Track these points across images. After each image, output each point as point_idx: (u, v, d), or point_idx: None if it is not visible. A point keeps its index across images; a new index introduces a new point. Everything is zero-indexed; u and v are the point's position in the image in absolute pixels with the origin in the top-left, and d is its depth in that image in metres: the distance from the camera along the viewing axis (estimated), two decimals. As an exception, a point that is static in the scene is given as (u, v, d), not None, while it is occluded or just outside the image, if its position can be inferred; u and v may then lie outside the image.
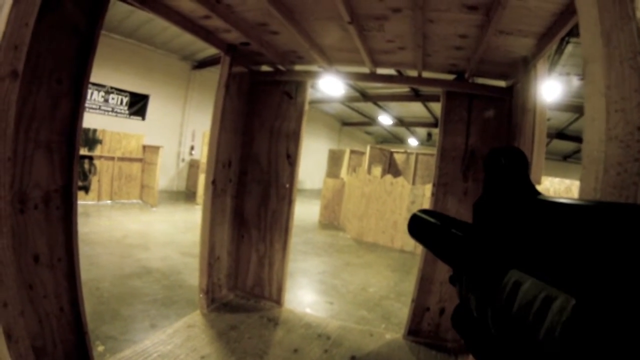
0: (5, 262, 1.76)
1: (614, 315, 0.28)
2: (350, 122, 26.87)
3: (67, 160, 2.61)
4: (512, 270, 0.38)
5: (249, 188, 4.85)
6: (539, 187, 0.49)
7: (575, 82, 7.88)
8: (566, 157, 21.03)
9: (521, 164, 0.48)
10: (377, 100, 16.91)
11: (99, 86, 12.50)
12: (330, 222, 12.70)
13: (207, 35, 3.82)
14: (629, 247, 0.29)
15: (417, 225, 0.65)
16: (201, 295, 4.43)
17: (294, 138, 4.65)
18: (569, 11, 2.38)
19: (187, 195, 15.22)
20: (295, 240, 4.94)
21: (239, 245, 4.96)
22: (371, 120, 23.55)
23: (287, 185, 4.67)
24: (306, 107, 4.63)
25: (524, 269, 0.37)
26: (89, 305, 2.99)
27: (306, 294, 6.14)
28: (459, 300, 0.50)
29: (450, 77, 4.17)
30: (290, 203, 4.70)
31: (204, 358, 3.63)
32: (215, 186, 4.27)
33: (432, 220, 0.62)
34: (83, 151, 10.41)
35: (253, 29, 3.65)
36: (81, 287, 2.84)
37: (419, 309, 4.30)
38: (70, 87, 2.55)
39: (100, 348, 3.74)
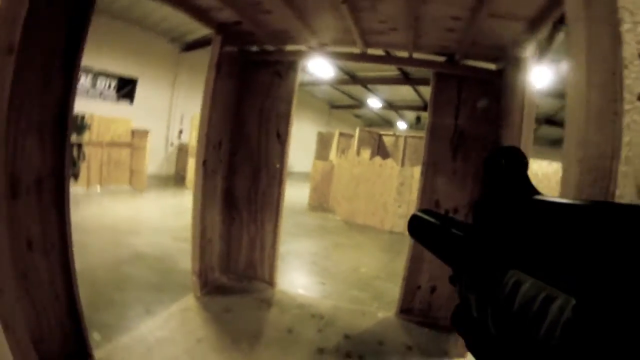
0: (0, 249, 1.72)
1: (613, 315, 0.28)
2: (339, 105, 26.75)
3: (59, 143, 2.55)
4: (512, 271, 0.39)
5: (239, 169, 4.85)
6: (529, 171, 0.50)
7: (565, 68, 7.83)
8: (554, 143, 21.14)
9: (521, 163, 0.49)
10: (366, 83, 16.85)
11: (87, 70, 12.27)
12: (319, 204, 12.71)
13: (199, 13, 3.78)
14: (627, 247, 0.29)
15: (417, 225, 0.65)
16: (194, 279, 4.43)
17: (285, 117, 4.65)
18: (560, -6, 2.39)
19: (177, 180, 15.13)
20: (286, 222, 4.94)
21: (230, 227, 4.96)
22: (360, 103, 23.49)
23: (278, 165, 4.68)
24: (296, 86, 4.62)
25: (523, 269, 0.38)
26: (83, 293, 2.98)
27: (298, 275, 6.18)
28: (459, 300, 0.50)
29: (441, 58, 4.17)
30: (280, 183, 4.71)
31: (200, 341, 3.65)
32: (206, 167, 4.26)
33: (431, 220, 0.62)
34: (72, 138, 10.21)
35: (246, 7, 3.61)
36: (75, 273, 2.82)
37: (410, 288, 4.36)
38: (62, 69, 2.48)
39: (97, 336, 3.74)
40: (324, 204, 12.71)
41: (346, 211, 10.86)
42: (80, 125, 10.68)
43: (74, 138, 10.11)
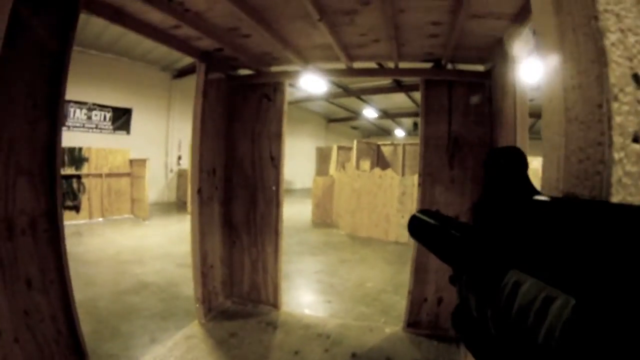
0: None
1: (613, 315, 0.28)
2: (335, 119, 26.89)
3: (49, 184, 2.60)
4: (512, 271, 0.38)
5: (235, 194, 4.83)
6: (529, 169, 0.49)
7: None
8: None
9: (520, 164, 0.49)
10: (360, 94, 16.95)
11: (81, 104, 12.36)
12: (323, 220, 12.70)
13: (179, 44, 3.80)
14: (626, 247, 0.29)
15: (417, 226, 0.66)
16: (198, 305, 4.41)
17: (276, 140, 4.63)
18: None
19: (178, 206, 15.17)
20: (289, 241, 4.92)
21: (231, 251, 4.94)
22: (356, 115, 23.60)
23: (274, 188, 4.66)
24: (285, 107, 4.62)
25: (523, 269, 0.37)
26: (88, 325, 2.97)
27: (303, 295, 6.14)
28: (459, 300, 0.50)
29: (428, 65, 4.16)
30: (278, 205, 4.68)
31: (205, 368, 3.62)
32: (201, 195, 4.25)
33: (431, 221, 0.62)
34: (70, 170, 10.38)
35: (224, 34, 3.63)
36: (76, 308, 2.83)
37: (416, 301, 4.30)
38: (46, 110, 2.54)
39: (102, 367, 3.72)
40: (327, 219, 12.69)
41: (349, 225, 10.83)
42: (78, 158, 10.76)
43: (73, 171, 10.20)
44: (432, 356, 3.89)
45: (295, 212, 13.11)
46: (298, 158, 20.56)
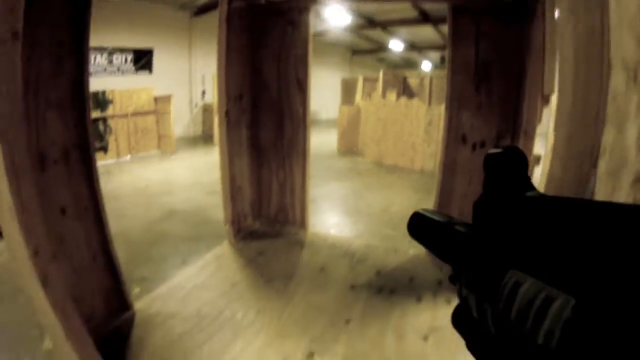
0: (31, 211, 1.81)
1: (613, 315, 0.28)
2: (360, 50, 26.20)
3: (79, 117, 2.68)
4: (512, 271, 0.38)
5: (263, 118, 4.85)
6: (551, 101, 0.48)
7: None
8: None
9: (520, 163, 0.48)
10: (386, 25, 16.42)
11: (101, 49, 12.16)
12: (348, 148, 12.68)
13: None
14: (626, 247, 0.29)
15: (419, 222, 0.64)
16: (227, 226, 4.53)
17: (302, 63, 4.58)
18: None
19: (205, 139, 15.27)
20: (315, 167, 4.96)
21: (259, 174, 5.02)
22: (382, 47, 22.96)
23: (301, 111, 4.66)
24: (310, 32, 4.53)
25: (523, 269, 0.38)
26: (121, 253, 3.11)
27: (330, 217, 6.26)
28: (459, 299, 0.50)
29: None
30: (305, 128, 4.69)
31: (235, 285, 3.76)
32: (228, 117, 4.27)
33: (433, 217, 0.61)
34: (95, 113, 10.33)
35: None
36: (110, 233, 2.96)
37: (440, 223, 4.33)
38: (72, 47, 2.59)
39: (137, 290, 3.89)
40: (352, 148, 12.67)
41: (375, 153, 10.82)
42: (103, 101, 10.82)
43: (98, 114, 10.32)
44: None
45: (321, 141, 13.09)
46: (323, 90, 20.27)
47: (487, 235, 0.46)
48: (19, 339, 3.09)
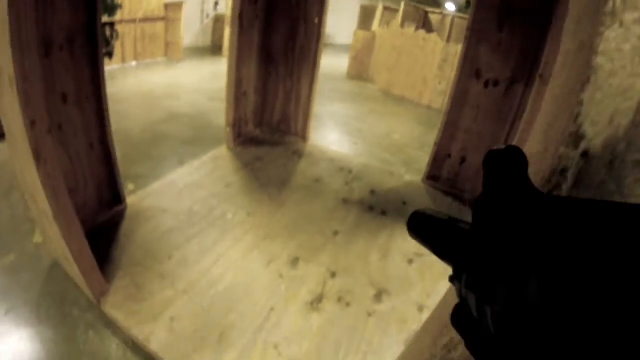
0: (31, 80, 1.77)
1: (613, 315, 0.27)
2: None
3: (91, 2, 2.57)
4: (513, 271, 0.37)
5: (277, 24, 4.70)
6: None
7: None
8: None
9: (520, 162, 0.45)
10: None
11: None
12: (359, 73, 12.48)
13: None
14: (626, 246, 0.29)
15: (421, 219, 0.62)
16: (228, 129, 4.53)
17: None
18: None
19: (213, 50, 15.01)
20: (323, 87, 4.91)
21: (266, 81, 4.95)
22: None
23: (317, 21, 4.52)
24: None
25: (522, 268, 0.36)
26: (119, 151, 3.12)
27: (331, 134, 6.26)
28: (459, 299, 0.48)
29: None
30: (319, 38, 4.57)
31: (229, 186, 3.81)
32: (242, 20, 4.13)
33: (435, 215, 0.59)
34: (103, 18, 10.08)
35: None
36: (109, 122, 2.94)
37: (440, 154, 4.34)
38: None
39: (131, 187, 3.92)
40: (363, 73, 12.48)
41: (385, 81, 10.66)
42: (111, 6, 10.47)
43: (106, 18, 10.07)
44: (444, 210, 4.02)
45: (332, 63, 12.90)
46: (341, 15, 19.78)
47: (487, 235, 0.44)
48: (10, 232, 3.14)
